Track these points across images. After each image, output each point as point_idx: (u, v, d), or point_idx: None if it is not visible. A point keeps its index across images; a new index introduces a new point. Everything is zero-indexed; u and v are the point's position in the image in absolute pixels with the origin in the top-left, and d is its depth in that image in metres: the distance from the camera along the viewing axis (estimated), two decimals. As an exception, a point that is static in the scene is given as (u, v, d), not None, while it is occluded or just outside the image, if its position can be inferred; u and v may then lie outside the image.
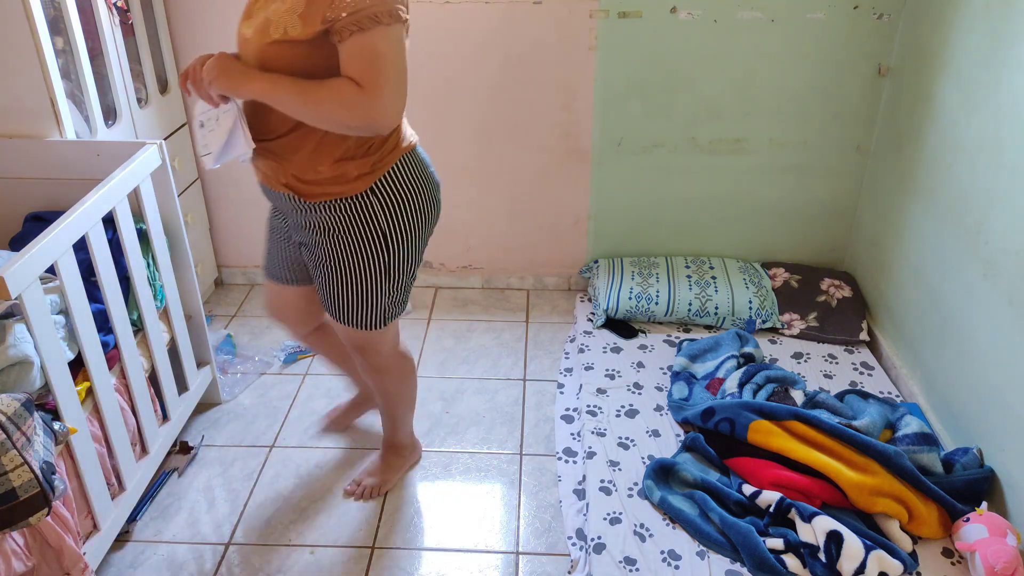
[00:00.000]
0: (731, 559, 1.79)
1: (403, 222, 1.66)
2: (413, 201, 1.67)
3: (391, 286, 1.74)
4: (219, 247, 3.07)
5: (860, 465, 1.88)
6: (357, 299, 1.73)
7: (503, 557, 1.93)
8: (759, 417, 2.02)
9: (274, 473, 2.18)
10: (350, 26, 1.40)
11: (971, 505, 1.85)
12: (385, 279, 1.72)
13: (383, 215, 1.64)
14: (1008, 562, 1.66)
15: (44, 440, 1.51)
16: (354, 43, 1.42)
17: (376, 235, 1.65)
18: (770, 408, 2.03)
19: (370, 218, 1.63)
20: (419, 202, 1.68)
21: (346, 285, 1.72)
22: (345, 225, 1.63)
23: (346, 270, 1.69)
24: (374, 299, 1.74)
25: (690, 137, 2.72)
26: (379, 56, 1.43)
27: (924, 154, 2.31)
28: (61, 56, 2.06)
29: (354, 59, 1.43)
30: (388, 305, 1.78)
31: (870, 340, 2.59)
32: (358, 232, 1.64)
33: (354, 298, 1.73)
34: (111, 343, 1.87)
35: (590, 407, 2.28)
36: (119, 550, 1.94)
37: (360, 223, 1.63)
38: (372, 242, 1.66)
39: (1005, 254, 1.88)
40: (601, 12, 2.54)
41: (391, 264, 1.70)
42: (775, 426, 2.00)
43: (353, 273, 1.69)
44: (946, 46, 2.20)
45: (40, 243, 1.55)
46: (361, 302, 1.74)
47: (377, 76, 1.44)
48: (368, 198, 1.62)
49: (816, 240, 2.89)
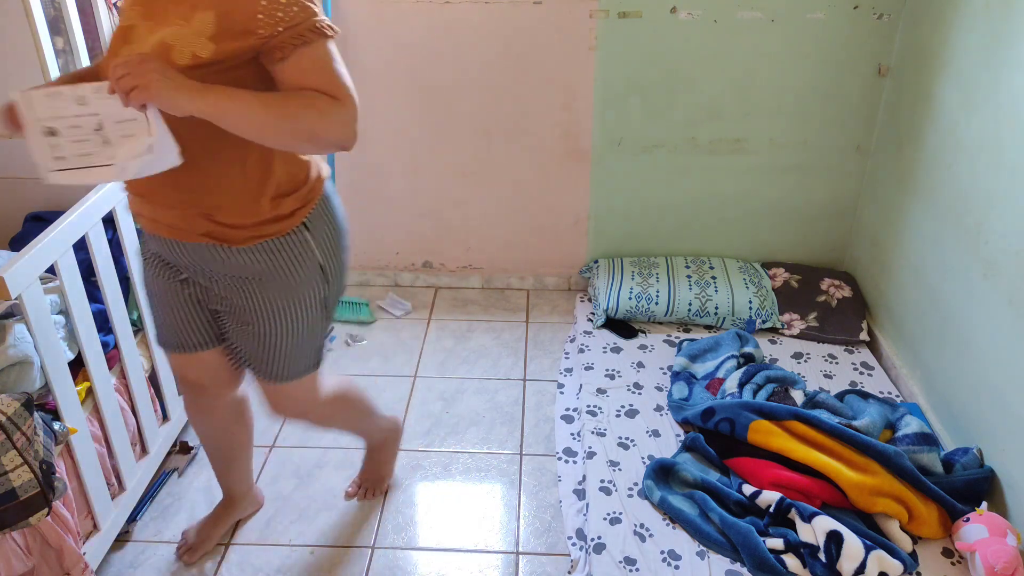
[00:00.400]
0: (731, 559, 1.79)
1: (335, 251, 1.55)
2: (339, 227, 1.57)
3: (328, 321, 1.62)
4: (219, 247, 3.07)
5: (860, 465, 1.89)
6: (297, 345, 1.57)
7: (503, 557, 1.93)
8: (759, 417, 2.02)
9: (274, 473, 2.18)
10: (292, 40, 1.27)
11: (971, 505, 1.85)
12: (324, 315, 1.59)
13: (319, 249, 1.51)
14: (1008, 562, 1.66)
15: (44, 440, 1.51)
16: (303, 56, 1.29)
17: (314, 271, 1.51)
18: (770, 408, 2.03)
19: (308, 254, 1.49)
20: (342, 227, 1.58)
21: (285, 333, 1.54)
22: (283, 267, 1.47)
23: (285, 316, 1.52)
24: (314, 339, 1.60)
25: (690, 137, 2.72)
26: (336, 67, 1.34)
27: (924, 154, 2.31)
28: (61, 56, 2.06)
29: (311, 72, 1.30)
30: (323, 341, 1.66)
31: (870, 340, 2.59)
32: (296, 272, 1.49)
33: (293, 345, 1.56)
34: (111, 343, 1.87)
35: (590, 407, 2.28)
36: (119, 550, 1.94)
37: (299, 262, 1.48)
38: (310, 279, 1.51)
39: (1005, 254, 1.88)
40: (601, 12, 2.54)
41: (329, 298, 1.58)
42: (775, 426, 2.00)
43: (293, 318, 1.53)
44: (946, 46, 2.20)
45: (40, 243, 1.55)
46: (302, 347, 1.58)
47: (342, 87, 1.32)
48: (303, 233, 1.48)
49: (816, 240, 2.89)
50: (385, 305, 2.96)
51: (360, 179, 2.88)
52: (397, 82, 2.70)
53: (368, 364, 2.64)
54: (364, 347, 2.73)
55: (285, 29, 1.27)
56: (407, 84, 2.70)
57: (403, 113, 2.75)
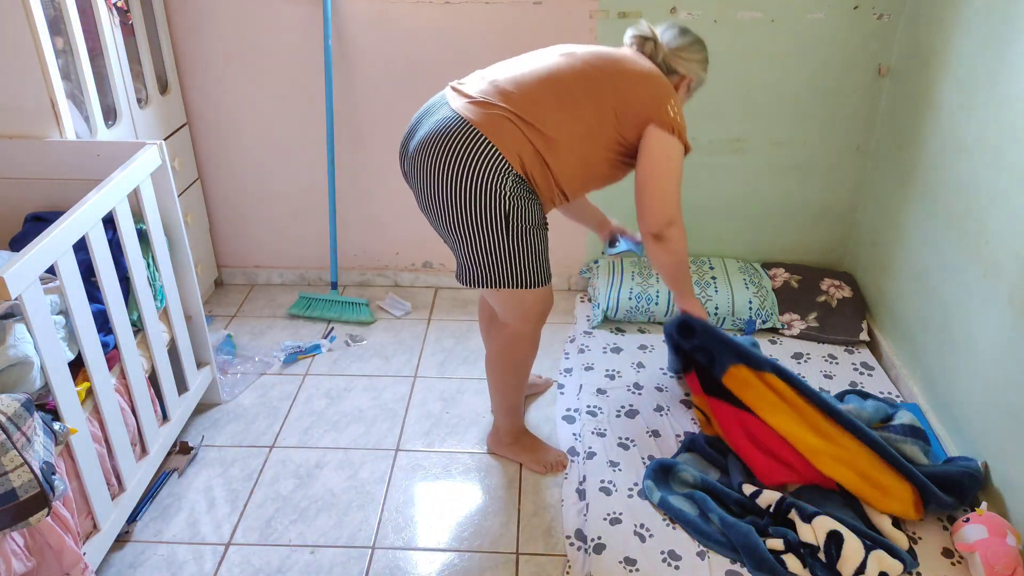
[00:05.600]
0: (731, 559, 1.79)
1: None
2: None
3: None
4: (219, 247, 3.07)
5: (826, 433, 1.90)
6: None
7: (503, 557, 1.93)
8: (739, 362, 2.03)
9: (274, 473, 2.18)
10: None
11: (953, 496, 1.84)
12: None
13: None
14: (1008, 562, 1.66)
15: (44, 440, 1.51)
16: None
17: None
18: (750, 354, 2.03)
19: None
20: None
21: None
22: None
23: None
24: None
25: (690, 137, 2.71)
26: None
27: (924, 154, 2.31)
28: (61, 56, 2.06)
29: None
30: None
31: (870, 340, 2.59)
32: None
33: None
34: (111, 343, 1.87)
35: (590, 407, 2.28)
36: (119, 550, 1.94)
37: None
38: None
39: (1005, 254, 1.88)
40: (601, 12, 2.54)
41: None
42: (752, 375, 2.00)
43: None
44: (946, 46, 2.20)
45: (40, 243, 1.55)
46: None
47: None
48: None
49: (816, 240, 2.89)
50: (385, 305, 2.96)
51: (360, 179, 2.89)
52: (397, 82, 2.70)
53: (368, 364, 2.64)
54: (364, 347, 2.73)
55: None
56: (407, 84, 2.70)
57: (403, 113, 2.74)
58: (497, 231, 1.75)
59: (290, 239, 3.04)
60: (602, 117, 1.77)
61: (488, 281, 1.82)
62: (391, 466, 2.21)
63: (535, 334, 2.01)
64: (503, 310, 1.94)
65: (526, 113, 1.72)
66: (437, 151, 1.72)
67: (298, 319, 2.90)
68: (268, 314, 2.93)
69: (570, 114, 1.75)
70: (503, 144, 1.70)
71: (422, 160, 1.76)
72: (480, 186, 1.70)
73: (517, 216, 1.75)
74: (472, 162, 1.69)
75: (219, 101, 2.76)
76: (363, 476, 2.17)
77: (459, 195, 1.72)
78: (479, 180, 1.70)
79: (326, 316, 2.88)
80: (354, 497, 2.10)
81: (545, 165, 1.76)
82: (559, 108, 1.74)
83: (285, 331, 2.82)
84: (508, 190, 1.71)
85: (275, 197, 2.95)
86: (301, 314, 2.90)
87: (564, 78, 1.76)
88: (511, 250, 1.78)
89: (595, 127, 1.77)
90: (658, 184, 1.82)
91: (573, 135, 1.76)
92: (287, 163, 2.88)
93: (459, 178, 1.71)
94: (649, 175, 1.82)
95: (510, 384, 2.08)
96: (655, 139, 1.78)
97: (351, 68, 2.69)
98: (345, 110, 2.76)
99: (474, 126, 1.70)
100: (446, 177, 1.72)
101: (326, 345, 2.72)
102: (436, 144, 1.73)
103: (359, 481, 2.15)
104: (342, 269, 3.08)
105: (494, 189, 1.70)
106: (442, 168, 1.72)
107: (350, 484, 2.14)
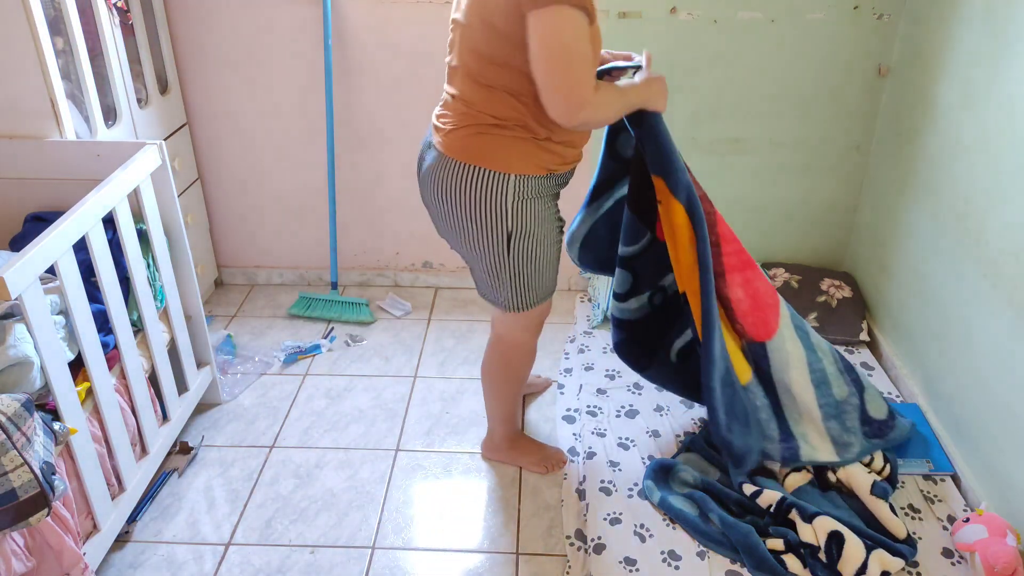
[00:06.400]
0: (731, 559, 1.79)
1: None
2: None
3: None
4: (219, 247, 3.07)
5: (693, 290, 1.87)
6: None
7: (503, 557, 1.93)
8: (659, 174, 1.81)
9: (274, 473, 2.18)
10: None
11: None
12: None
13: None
14: (1008, 562, 1.66)
15: (44, 440, 1.51)
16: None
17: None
18: (672, 172, 1.80)
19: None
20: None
21: None
22: None
23: None
24: None
25: (690, 137, 2.72)
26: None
27: (924, 154, 2.31)
28: (61, 56, 2.06)
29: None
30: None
31: (870, 340, 2.59)
32: None
33: None
34: (111, 343, 1.87)
35: (590, 407, 2.28)
36: (119, 550, 1.94)
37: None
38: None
39: (1005, 254, 1.88)
40: (601, 12, 2.54)
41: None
42: (667, 191, 1.81)
43: None
44: (946, 46, 2.20)
45: (40, 243, 1.55)
46: None
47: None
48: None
49: (816, 240, 2.89)
50: (385, 305, 2.96)
51: (360, 179, 2.88)
52: (397, 82, 2.70)
53: (368, 364, 2.64)
54: (364, 347, 2.73)
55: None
56: (407, 84, 2.70)
57: (403, 113, 2.75)
58: (502, 253, 1.75)
59: (290, 239, 3.04)
60: (506, 49, 1.56)
61: (508, 304, 1.85)
62: (391, 466, 2.21)
63: (534, 344, 2.01)
64: (505, 322, 1.94)
65: (473, 103, 1.65)
66: (433, 187, 1.74)
67: (298, 319, 2.90)
68: (268, 314, 2.93)
69: (488, 71, 1.61)
70: (489, 159, 1.66)
71: (425, 192, 1.79)
72: (480, 210, 1.69)
73: (522, 231, 1.72)
74: (467, 190, 1.68)
75: (219, 101, 2.76)
76: (363, 476, 2.17)
77: (463, 222, 1.73)
78: (478, 205, 1.69)
79: (326, 316, 2.88)
80: (354, 497, 2.10)
81: (526, 128, 1.64)
82: (479, 73, 1.62)
83: (285, 331, 2.82)
84: (510, 200, 1.68)
85: (275, 197, 2.95)
86: (301, 314, 2.90)
87: (462, 41, 1.63)
88: (519, 272, 1.79)
89: (510, 60, 1.57)
90: (551, 70, 1.51)
91: (511, 84, 1.61)
92: (287, 163, 2.88)
93: (460, 207, 1.71)
94: (537, 69, 1.52)
95: (506, 393, 2.08)
96: (531, 25, 1.48)
97: (351, 68, 2.69)
98: (345, 110, 2.76)
99: (452, 158, 1.68)
100: (450, 208, 1.73)
101: (326, 345, 2.72)
102: (429, 181, 1.75)
103: (359, 481, 2.15)
104: (342, 269, 3.08)
105: (496, 207, 1.68)
106: (443, 200, 1.73)
107: (350, 484, 2.14)
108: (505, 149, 1.65)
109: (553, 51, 1.49)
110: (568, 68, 1.50)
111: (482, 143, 1.65)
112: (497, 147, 1.65)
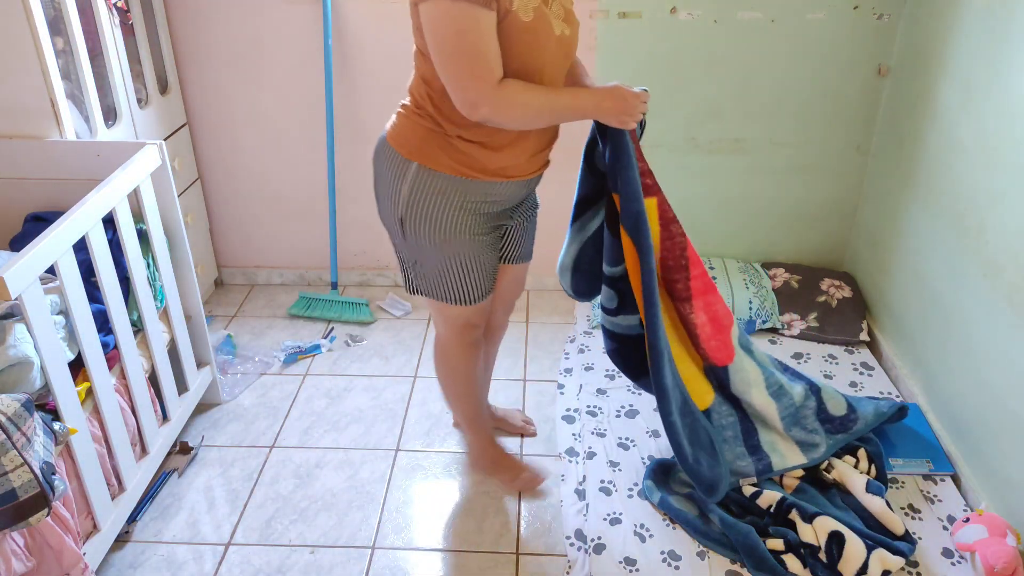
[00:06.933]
0: (731, 559, 1.79)
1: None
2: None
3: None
4: (219, 247, 3.07)
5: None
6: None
7: (503, 557, 1.93)
8: (616, 191, 1.77)
9: (274, 473, 2.18)
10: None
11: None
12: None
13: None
14: (1008, 562, 1.66)
15: (44, 440, 1.51)
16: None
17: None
18: (627, 195, 1.74)
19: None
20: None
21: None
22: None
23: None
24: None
25: (690, 137, 2.72)
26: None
27: (924, 154, 2.31)
28: (61, 56, 2.06)
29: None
30: None
31: (870, 340, 2.59)
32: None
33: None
34: (111, 343, 1.87)
35: (590, 407, 2.28)
36: (119, 550, 1.94)
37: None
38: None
39: (1005, 254, 1.88)
40: (601, 12, 2.54)
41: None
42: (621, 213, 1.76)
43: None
44: (946, 46, 2.20)
45: (40, 243, 1.55)
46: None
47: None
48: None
49: (816, 240, 2.89)
50: (385, 305, 2.96)
51: (360, 179, 2.88)
52: (397, 82, 2.70)
53: (368, 364, 2.64)
54: (364, 347, 2.73)
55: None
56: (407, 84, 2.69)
57: (403, 113, 2.75)
58: (398, 235, 1.76)
59: (290, 239, 3.04)
60: (420, 37, 1.56)
61: (407, 285, 1.87)
62: (391, 466, 2.21)
63: (461, 343, 1.91)
64: (432, 313, 1.93)
65: (409, 88, 1.71)
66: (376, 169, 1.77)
67: (298, 319, 2.90)
68: (268, 314, 2.93)
69: (417, 58, 1.66)
70: (400, 142, 1.67)
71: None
72: (381, 187, 1.73)
73: (415, 226, 1.69)
74: (378, 164, 1.73)
75: (219, 101, 2.76)
76: (363, 476, 2.17)
77: (376, 193, 1.77)
78: (381, 180, 1.73)
79: (326, 316, 2.88)
80: (354, 497, 2.10)
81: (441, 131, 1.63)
82: (416, 61, 1.68)
83: (285, 331, 2.82)
84: (406, 189, 1.65)
85: (275, 197, 2.95)
86: (301, 314, 2.90)
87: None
88: (415, 261, 1.78)
89: (423, 48, 1.57)
90: (440, 63, 1.48)
91: (426, 73, 1.61)
92: (287, 163, 2.88)
93: (375, 179, 1.76)
94: (433, 62, 1.50)
95: (453, 391, 2.04)
96: (421, 16, 1.46)
97: (351, 68, 2.69)
98: (345, 110, 2.76)
99: (383, 134, 1.73)
100: (374, 178, 1.77)
101: (326, 345, 2.72)
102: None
103: (359, 481, 2.16)
104: (342, 269, 3.08)
105: (392, 189, 1.69)
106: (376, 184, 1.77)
107: (350, 484, 2.14)
108: (416, 137, 1.65)
109: (440, 44, 1.46)
110: (457, 61, 1.45)
111: (400, 124, 1.69)
112: (409, 133, 1.66)
